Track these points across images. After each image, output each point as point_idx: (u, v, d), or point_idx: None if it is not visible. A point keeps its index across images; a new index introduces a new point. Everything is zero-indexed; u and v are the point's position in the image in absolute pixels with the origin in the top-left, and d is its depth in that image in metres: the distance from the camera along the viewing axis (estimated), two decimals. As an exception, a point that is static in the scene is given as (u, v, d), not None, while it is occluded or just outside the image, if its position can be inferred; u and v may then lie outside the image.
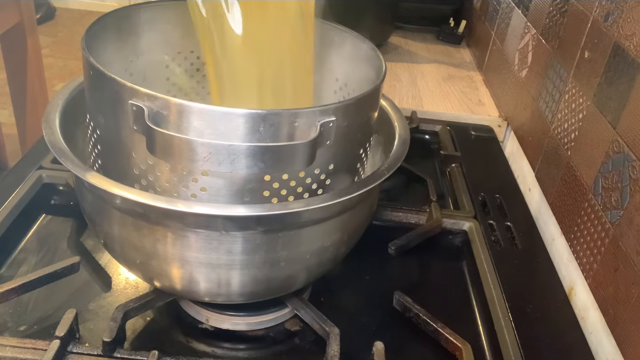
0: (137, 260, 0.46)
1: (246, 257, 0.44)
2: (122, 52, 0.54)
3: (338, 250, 0.49)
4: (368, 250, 0.59)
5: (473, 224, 0.68)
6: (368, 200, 0.50)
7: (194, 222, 0.42)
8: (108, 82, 0.41)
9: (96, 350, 0.48)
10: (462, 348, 0.50)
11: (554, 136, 0.72)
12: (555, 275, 0.64)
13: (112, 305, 0.53)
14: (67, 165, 0.42)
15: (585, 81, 0.66)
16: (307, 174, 0.44)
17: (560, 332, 0.56)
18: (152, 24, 0.55)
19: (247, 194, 0.43)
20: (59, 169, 0.67)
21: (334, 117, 0.41)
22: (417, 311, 0.54)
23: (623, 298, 0.53)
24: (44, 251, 0.60)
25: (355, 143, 0.46)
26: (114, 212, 0.44)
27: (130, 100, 0.40)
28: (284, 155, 0.39)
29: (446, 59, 1.17)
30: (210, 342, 0.52)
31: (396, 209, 0.68)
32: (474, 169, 0.80)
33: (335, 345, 0.49)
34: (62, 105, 0.49)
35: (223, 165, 0.39)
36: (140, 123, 0.39)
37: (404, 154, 0.50)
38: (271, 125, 0.39)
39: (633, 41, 0.56)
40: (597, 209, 0.59)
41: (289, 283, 0.49)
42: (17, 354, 0.47)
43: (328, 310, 0.52)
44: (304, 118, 0.40)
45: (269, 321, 0.53)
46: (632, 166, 0.54)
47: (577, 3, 0.70)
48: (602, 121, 0.60)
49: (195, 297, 0.52)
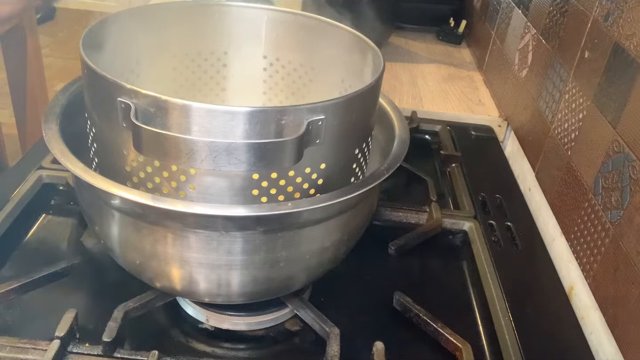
0: (137, 260, 0.46)
1: (246, 257, 0.44)
2: (127, 53, 0.54)
3: (338, 250, 0.49)
4: (368, 250, 0.59)
5: (473, 224, 0.68)
6: (368, 200, 0.50)
7: (194, 223, 0.42)
8: (99, 80, 0.41)
9: (96, 350, 0.48)
10: (462, 348, 0.50)
11: (554, 136, 0.72)
12: (555, 275, 0.64)
13: (112, 305, 0.53)
14: (66, 166, 0.42)
15: (586, 81, 0.66)
16: (297, 173, 0.44)
17: (560, 332, 0.56)
18: (158, 25, 0.55)
19: (235, 193, 0.43)
20: (59, 169, 0.67)
21: (322, 116, 0.41)
22: (417, 311, 0.54)
23: (623, 298, 0.53)
24: (44, 251, 0.60)
25: (349, 142, 0.46)
26: (113, 212, 0.44)
27: (119, 98, 0.40)
28: (268, 152, 0.39)
29: (446, 59, 1.17)
30: (210, 342, 0.52)
31: (396, 209, 0.68)
32: (474, 169, 0.80)
33: (335, 345, 0.49)
34: (62, 105, 0.49)
35: (205, 162, 0.38)
36: (127, 120, 0.40)
37: (404, 154, 0.50)
38: (257, 122, 0.39)
39: (633, 41, 0.56)
40: (597, 209, 0.59)
41: (289, 283, 0.49)
42: (17, 354, 0.47)
43: (328, 310, 0.52)
44: (291, 116, 0.40)
45: (269, 321, 0.53)
46: (632, 166, 0.54)
47: (577, 3, 0.70)
48: (602, 121, 0.60)
49: (195, 297, 0.52)
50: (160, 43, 0.56)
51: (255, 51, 0.60)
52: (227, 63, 0.61)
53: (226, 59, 0.61)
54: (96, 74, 0.41)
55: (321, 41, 0.57)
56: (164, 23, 0.56)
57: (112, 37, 0.51)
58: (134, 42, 0.54)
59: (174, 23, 0.56)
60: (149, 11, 0.54)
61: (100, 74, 0.41)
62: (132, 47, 0.54)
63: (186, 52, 0.59)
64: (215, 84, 0.62)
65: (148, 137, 0.38)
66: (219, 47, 0.60)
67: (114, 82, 0.40)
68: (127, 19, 0.52)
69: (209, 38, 0.59)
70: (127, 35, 0.53)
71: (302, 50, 0.59)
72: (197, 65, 0.60)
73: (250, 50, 0.60)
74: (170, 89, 0.59)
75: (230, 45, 0.60)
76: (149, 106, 0.39)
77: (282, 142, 0.39)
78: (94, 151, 0.48)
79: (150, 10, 0.54)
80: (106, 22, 0.50)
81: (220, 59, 0.61)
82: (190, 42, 0.58)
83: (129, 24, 0.53)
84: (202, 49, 0.59)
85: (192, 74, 0.60)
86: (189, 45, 0.59)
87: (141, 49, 0.55)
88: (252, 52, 0.60)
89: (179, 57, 0.59)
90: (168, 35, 0.56)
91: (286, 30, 0.59)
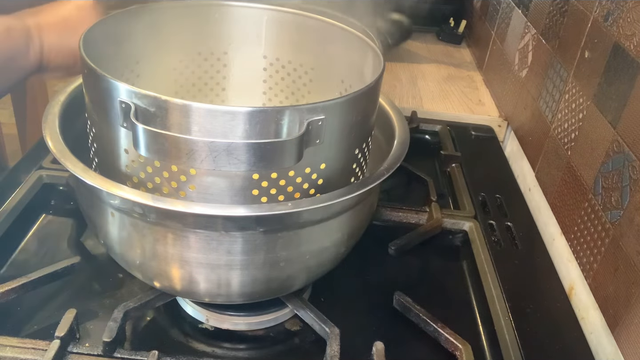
0: (137, 260, 0.46)
1: (246, 257, 0.44)
2: (127, 53, 0.54)
3: (338, 250, 0.49)
4: (368, 250, 0.59)
5: (473, 224, 0.68)
6: (368, 200, 0.50)
7: (194, 223, 0.42)
8: (99, 80, 0.41)
9: (96, 350, 0.48)
10: (462, 348, 0.50)
11: (554, 136, 0.72)
12: (555, 275, 0.64)
13: (112, 305, 0.53)
14: (66, 166, 0.42)
15: (586, 81, 0.66)
16: (297, 173, 0.44)
17: (560, 332, 0.56)
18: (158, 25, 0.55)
19: (235, 193, 0.43)
20: (59, 169, 0.67)
21: (322, 116, 0.41)
22: (417, 311, 0.54)
23: (623, 298, 0.53)
24: (44, 251, 0.60)
25: (349, 143, 0.46)
26: (113, 212, 0.44)
27: (119, 98, 0.40)
28: (268, 152, 0.39)
29: (446, 59, 1.17)
30: (210, 342, 0.52)
31: (396, 209, 0.68)
32: (474, 169, 0.80)
33: (335, 345, 0.49)
34: (62, 105, 0.49)
35: (205, 162, 0.38)
36: (127, 120, 0.40)
37: (404, 154, 0.49)
38: (257, 122, 0.39)
39: (633, 41, 0.56)
40: (597, 209, 0.59)
41: (289, 283, 0.49)
42: (17, 354, 0.47)
43: (328, 310, 0.52)
44: (290, 116, 0.40)
45: (269, 321, 0.53)
46: (632, 166, 0.54)
47: (577, 3, 0.70)
48: (602, 121, 0.60)
49: (195, 297, 0.52)
50: (160, 43, 0.56)
51: (255, 51, 0.60)
52: (227, 63, 0.61)
53: (226, 59, 0.61)
54: (96, 74, 0.41)
55: (321, 41, 0.57)
56: (164, 23, 0.56)
57: (112, 37, 0.51)
58: (134, 42, 0.54)
59: (174, 23, 0.56)
60: (149, 11, 0.54)
61: (100, 74, 0.41)
62: (132, 47, 0.54)
63: (186, 52, 0.59)
64: (215, 84, 0.62)
65: (148, 137, 0.38)
66: (219, 47, 0.60)
67: (114, 82, 0.40)
68: (127, 19, 0.52)
69: (209, 38, 0.59)
70: (127, 35, 0.53)
71: (302, 50, 0.59)
72: (197, 65, 0.60)
73: (250, 50, 0.60)
74: (170, 89, 0.59)
75: (230, 45, 0.60)
76: (149, 106, 0.39)
77: (282, 142, 0.39)
78: (94, 151, 0.48)
79: (150, 10, 0.54)
80: (106, 22, 0.50)
81: (220, 59, 0.61)
82: (190, 42, 0.58)
83: (129, 24, 0.53)
84: (202, 49, 0.59)
85: (192, 74, 0.60)
86: (189, 45, 0.58)
87: (141, 49, 0.55)
88: (252, 52, 0.60)
89: (179, 57, 0.59)
90: (168, 35, 0.56)
91: (286, 30, 0.59)
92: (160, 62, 0.57)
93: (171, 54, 0.58)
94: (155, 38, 0.55)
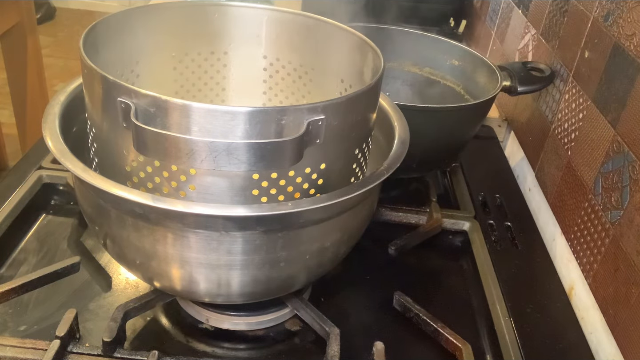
0: (137, 260, 0.46)
1: (246, 257, 0.44)
2: (127, 53, 0.54)
3: (338, 250, 0.49)
4: (368, 250, 0.59)
5: (473, 224, 0.68)
6: (368, 200, 0.50)
7: (194, 223, 0.42)
8: (99, 80, 0.41)
9: (96, 350, 0.48)
10: (462, 348, 0.50)
11: (554, 136, 0.72)
12: (555, 275, 0.64)
13: (112, 305, 0.53)
14: (66, 166, 0.42)
15: (585, 81, 0.66)
16: (297, 173, 0.44)
17: (560, 332, 0.56)
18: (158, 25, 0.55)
19: (235, 193, 0.43)
20: (59, 169, 0.67)
21: (323, 116, 0.41)
22: (417, 311, 0.54)
23: (623, 298, 0.53)
24: (44, 251, 0.60)
25: (349, 143, 0.46)
26: (113, 212, 0.44)
27: (119, 98, 0.40)
28: (268, 152, 0.39)
29: (446, 59, 1.16)
30: (210, 342, 0.52)
31: (396, 209, 0.68)
32: (474, 169, 0.80)
33: (335, 345, 0.49)
34: (62, 105, 0.49)
35: (205, 162, 0.38)
36: (127, 120, 0.40)
37: (404, 153, 0.50)
38: (257, 122, 0.39)
39: (633, 41, 0.56)
40: (597, 209, 0.59)
41: (289, 283, 0.49)
42: (17, 354, 0.47)
43: (328, 310, 0.52)
44: (291, 116, 0.40)
45: (269, 321, 0.53)
46: (632, 166, 0.54)
47: (577, 3, 0.70)
48: (602, 121, 0.60)
49: (195, 297, 0.52)
50: (160, 43, 0.56)
51: (255, 51, 0.60)
52: (227, 63, 0.61)
53: (226, 59, 0.61)
54: (96, 74, 0.41)
55: (321, 41, 0.57)
56: (164, 23, 0.56)
57: (112, 37, 0.51)
58: (134, 42, 0.54)
59: (174, 23, 0.56)
60: (149, 11, 0.54)
61: (100, 74, 0.41)
62: (132, 47, 0.54)
63: (186, 52, 0.59)
64: (215, 84, 0.62)
65: (148, 137, 0.38)
66: (219, 47, 0.60)
67: (114, 82, 0.40)
68: (127, 19, 0.52)
69: (209, 38, 0.59)
70: (127, 35, 0.53)
71: (302, 50, 0.59)
72: (197, 65, 0.60)
73: (250, 50, 0.60)
74: (171, 89, 0.59)
75: (230, 45, 0.60)
76: (149, 106, 0.39)
77: (282, 142, 0.39)
78: (94, 151, 0.48)
79: (150, 10, 0.54)
80: (106, 22, 0.50)
81: (220, 59, 0.61)
82: (190, 42, 0.58)
83: (129, 24, 0.53)
84: (202, 49, 0.59)
85: (192, 74, 0.60)
86: (189, 45, 0.58)
87: (141, 49, 0.55)
88: (252, 52, 0.60)
89: (179, 57, 0.59)
90: (168, 35, 0.56)
91: (286, 30, 0.59)
92: (160, 62, 0.57)
93: (171, 54, 0.58)
94: (155, 38, 0.55)
